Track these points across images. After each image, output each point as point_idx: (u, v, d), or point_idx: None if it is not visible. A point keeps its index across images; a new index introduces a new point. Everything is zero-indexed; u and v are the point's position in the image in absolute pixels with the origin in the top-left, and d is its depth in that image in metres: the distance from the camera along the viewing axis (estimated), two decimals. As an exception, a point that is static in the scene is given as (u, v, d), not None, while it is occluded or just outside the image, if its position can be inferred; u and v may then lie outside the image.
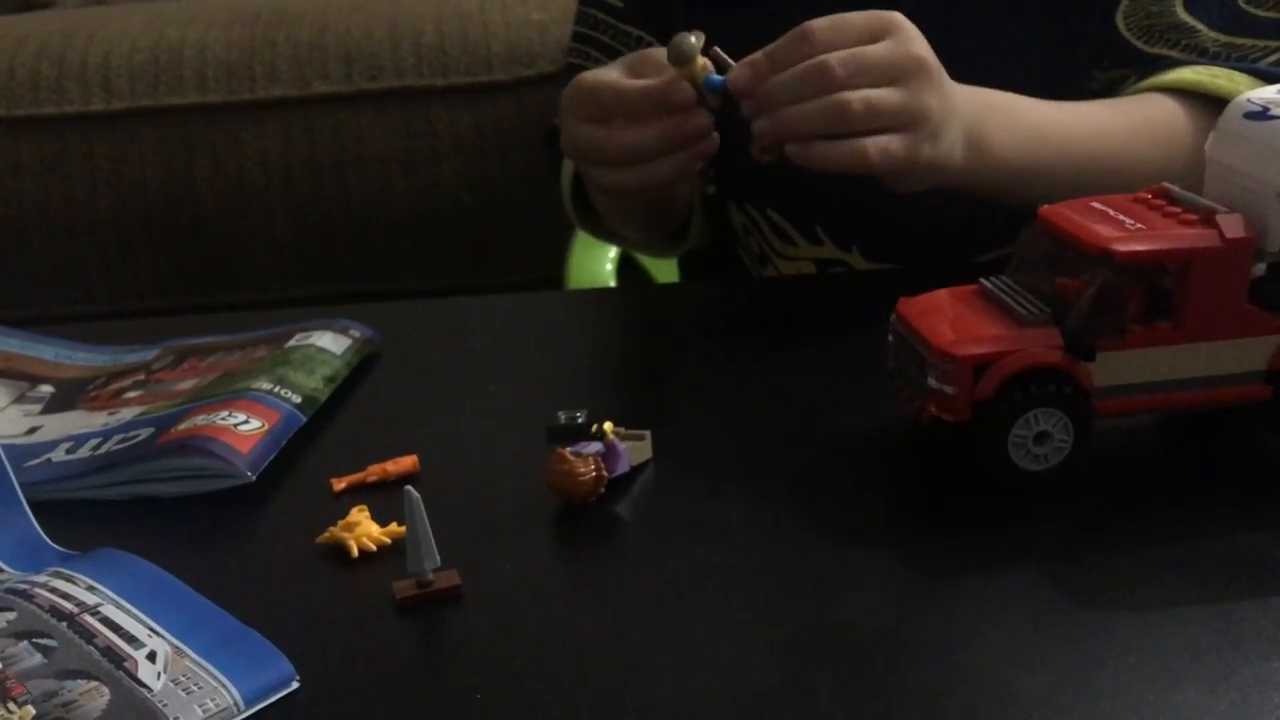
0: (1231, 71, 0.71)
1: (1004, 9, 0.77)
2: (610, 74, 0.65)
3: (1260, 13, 0.75)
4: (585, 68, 0.85)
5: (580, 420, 0.50)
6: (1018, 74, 0.78)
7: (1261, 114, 0.48)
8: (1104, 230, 0.48)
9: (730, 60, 0.63)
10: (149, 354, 0.67)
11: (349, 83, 1.26)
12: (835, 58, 0.59)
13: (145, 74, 1.24)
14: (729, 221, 0.88)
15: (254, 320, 0.70)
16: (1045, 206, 0.51)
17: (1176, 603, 0.42)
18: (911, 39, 0.61)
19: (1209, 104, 0.70)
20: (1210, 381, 0.48)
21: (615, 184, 0.67)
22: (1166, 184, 0.51)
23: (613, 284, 1.01)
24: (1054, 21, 0.77)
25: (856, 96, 0.58)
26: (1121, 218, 0.49)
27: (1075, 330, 0.47)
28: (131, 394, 0.62)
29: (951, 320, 0.50)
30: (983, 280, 0.52)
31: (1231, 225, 0.47)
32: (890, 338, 0.53)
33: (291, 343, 0.64)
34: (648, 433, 0.53)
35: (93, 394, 0.63)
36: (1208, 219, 0.47)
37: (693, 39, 0.61)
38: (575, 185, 0.82)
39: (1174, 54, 0.74)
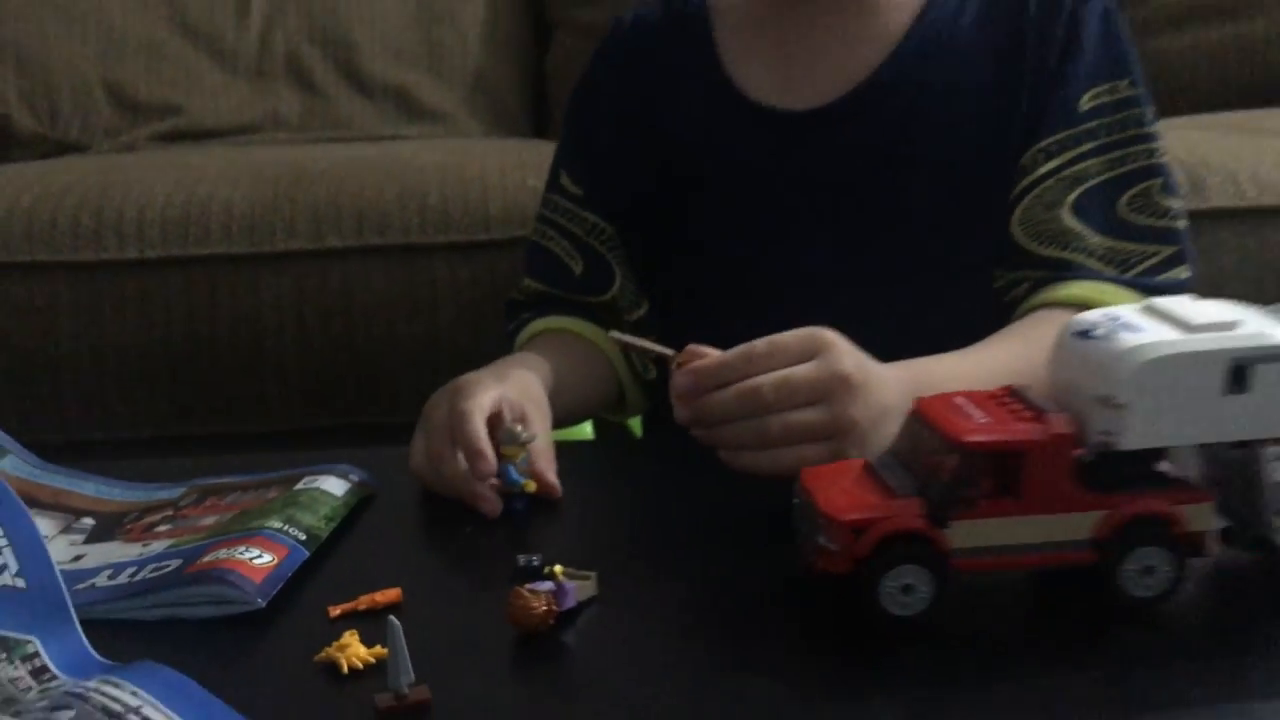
0: (1118, 288, 0.85)
1: (906, 221, 0.90)
2: (481, 402, 0.75)
3: (1139, 220, 0.88)
4: (545, 246, 0.99)
5: (535, 563, 0.62)
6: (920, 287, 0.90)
7: (1086, 334, 0.60)
8: (959, 422, 0.60)
9: (653, 348, 0.73)
10: (176, 492, 0.79)
11: (359, 238, 1.39)
12: (767, 383, 0.68)
13: (176, 226, 1.37)
14: None
15: (268, 462, 0.82)
16: (920, 398, 0.63)
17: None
18: (838, 357, 0.69)
19: None
20: (1045, 547, 0.59)
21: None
22: (1015, 384, 0.63)
23: (589, 431, 1.12)
24: (953, 233, 0.90)
25: (776, 421, 0.68)
26: (975, 412, 0.60)
27: (934, 503, 0.59)
28: (162, 528, 0.73)
29: (840, 489, 0.61)
30: (870, 457, 0.64)
31: (1057, 423, 0.58)
32: (795, 500, 0.64)
33: (299, 486, 0.76)
34: (594, 573, 0.64)
35: (128, 526, 0.74)
36: (1039, 416, 0.59)
37: (520, 431, 0.73)
38: None
39: (1065, 255, 0.87)
